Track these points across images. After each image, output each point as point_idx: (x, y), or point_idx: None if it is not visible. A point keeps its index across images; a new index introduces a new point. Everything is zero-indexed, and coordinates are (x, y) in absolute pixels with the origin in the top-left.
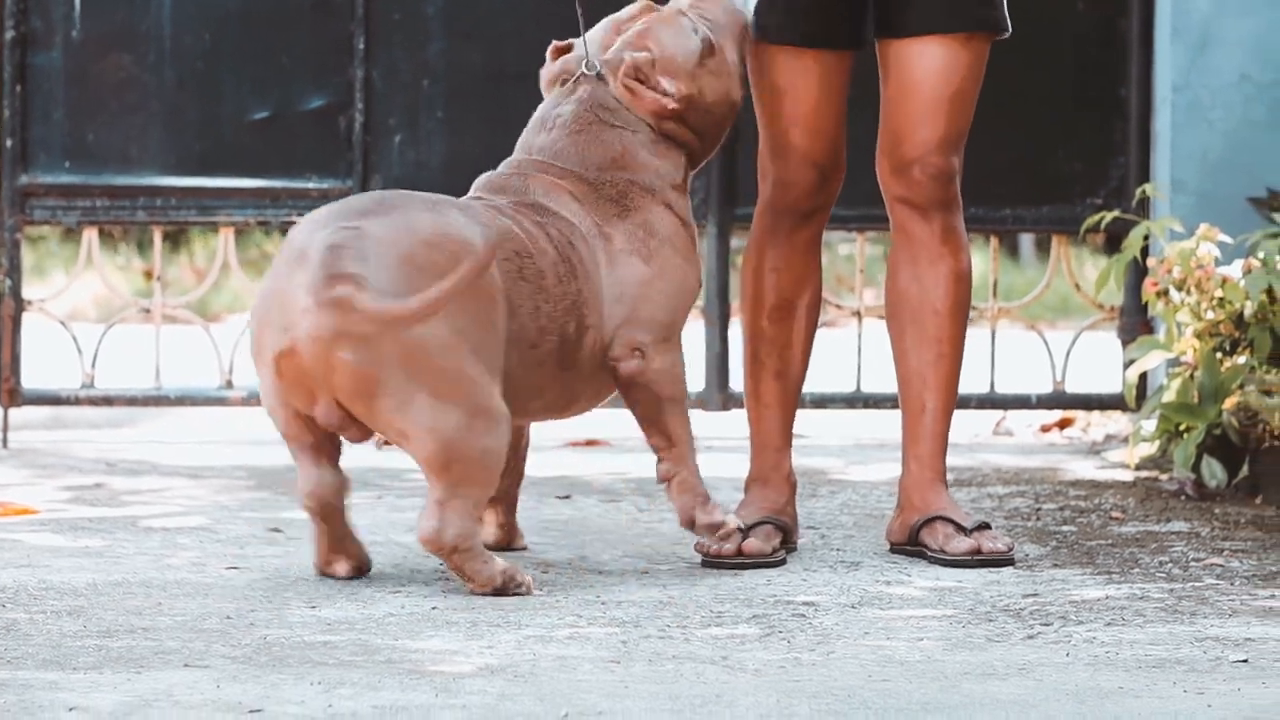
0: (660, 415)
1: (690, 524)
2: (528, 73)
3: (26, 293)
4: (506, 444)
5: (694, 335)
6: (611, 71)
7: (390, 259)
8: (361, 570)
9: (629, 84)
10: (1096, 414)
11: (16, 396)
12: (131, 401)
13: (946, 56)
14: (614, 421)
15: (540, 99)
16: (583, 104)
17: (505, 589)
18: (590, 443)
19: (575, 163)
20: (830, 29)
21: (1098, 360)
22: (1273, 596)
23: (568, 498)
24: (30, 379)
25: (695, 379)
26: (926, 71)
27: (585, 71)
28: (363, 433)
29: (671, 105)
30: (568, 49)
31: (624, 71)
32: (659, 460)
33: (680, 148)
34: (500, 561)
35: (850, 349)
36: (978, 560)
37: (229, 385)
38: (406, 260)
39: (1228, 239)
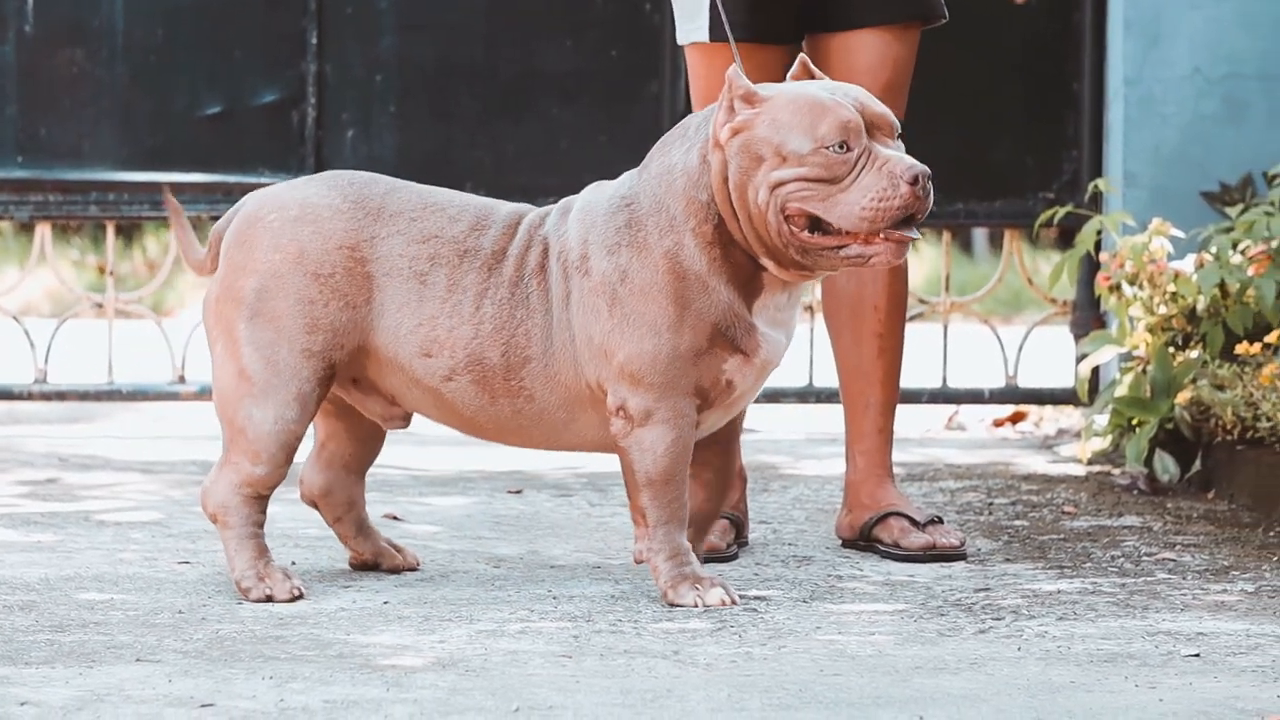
0: (636, 490)
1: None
2: (479, 67)
3: None
4: (289, 427)
5: None
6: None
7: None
8: (367, 565)
9: (722, 95)
10: (1049, 409)
11: None
12: (84, 396)
13: (882, 48)
14: None
15: (488, 93)
16: (695, 117)
17: (246, 591)
18: None
19: (641, 176)
20: (778, 24)
21: (1050, 355)
22: (1224, 591)
23: (519, 492)
24: None
25: None
26: (867, 64)
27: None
28: None
29: (718, 133)
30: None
31: (725, 85)
32: (636, 536)
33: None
34: (279, 574)
35: (802, 343)
36: (930, 555)
37: (181, 380)
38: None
39: (1180, 233)
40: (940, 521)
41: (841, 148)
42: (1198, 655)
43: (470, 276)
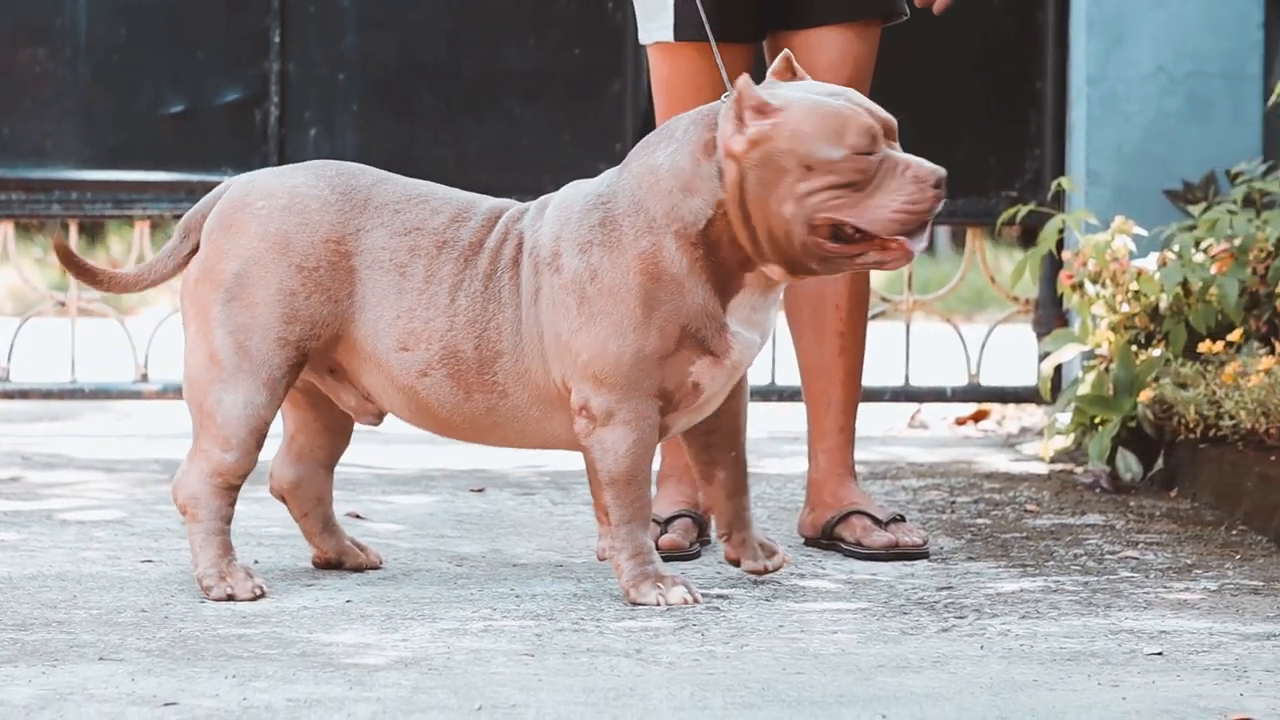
0: (600, 488)
1: (633, 603)
2: (441, 66)
3: None
4: (259, 412)
5: None
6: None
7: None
8: (330, 563)
9: (730, 104)
10: (1011, 407)
11: None
12: (47, 395)
13: (844, 45)
14: None
15: (451, 92)
16: (683, 118)
17: (207, 590)
18: None
19: (621, 175)
20: (741, 23)
21: (1013, 353)
22: (1187, 589)
23: (482, 491)
24: None
25: None
26: (828, 61)
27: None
28: None
29: (731, 144)
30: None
31: (735, 95)
32: (600, 533)
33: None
34: (241, 572)
35: None
36: (892, 553)
37: (144, 379)
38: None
39: (1143, 231)
40: (903, 520)
41: (868, 153)
42: (1160, 654)
43: (447, 268)
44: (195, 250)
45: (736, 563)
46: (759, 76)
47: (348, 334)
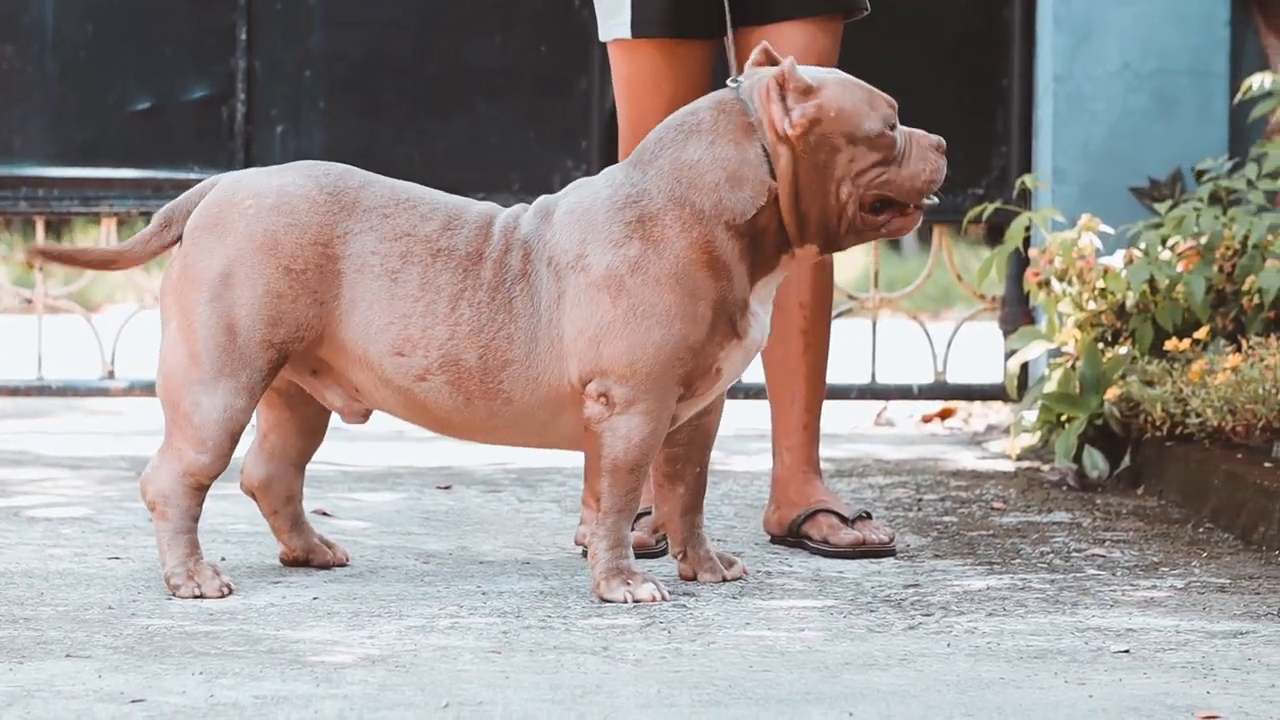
0: (599, 474)
1: (601, 599)
2: (408, 63)
3: None
4: (236, 416)
5: None
6: (764, 92)
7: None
8: (298, 561)
9: (770, 88)
10: (978, 404)
11: None
12: (14, 392)
13: (807, 40)
14: None
15: (418, 89)
16: (701, 109)
17: (175, 589)
18: None
19: (645, 172)
20: (701, 18)
21: (979, 351)
22: (1154, 587)
23: (449, 488)
24: None
25: None
26: (795, 56)
27: (729, 84)
28: None
29: (785, 128)
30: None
31: (775, 76)
32: (582, 519)
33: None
34: (208, 571)
35: None
36: (859, 551)
37: (110, 376)
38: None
39: (1109, 229)
40: (869, 517)
41: (893, 128)
42: (1127, 651)
43: (444, 276)
44: (175, 242)
45: (694, 578)
46: (720, 74)
47: (334, 336)
